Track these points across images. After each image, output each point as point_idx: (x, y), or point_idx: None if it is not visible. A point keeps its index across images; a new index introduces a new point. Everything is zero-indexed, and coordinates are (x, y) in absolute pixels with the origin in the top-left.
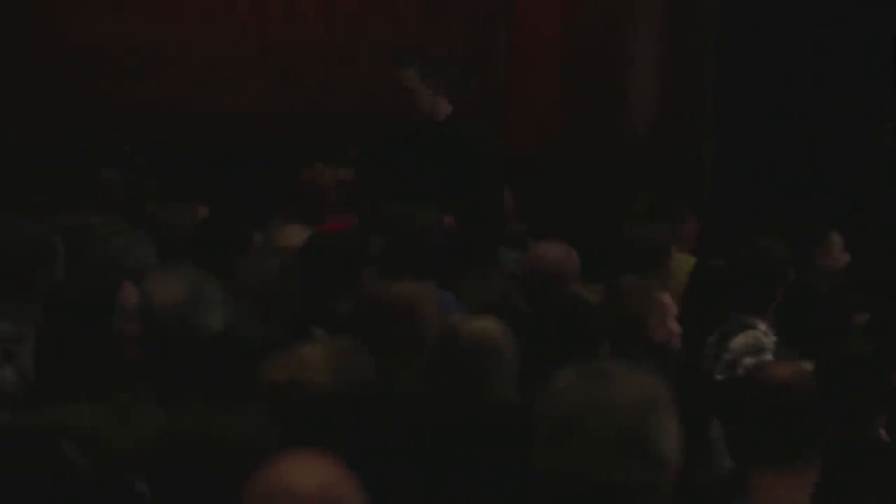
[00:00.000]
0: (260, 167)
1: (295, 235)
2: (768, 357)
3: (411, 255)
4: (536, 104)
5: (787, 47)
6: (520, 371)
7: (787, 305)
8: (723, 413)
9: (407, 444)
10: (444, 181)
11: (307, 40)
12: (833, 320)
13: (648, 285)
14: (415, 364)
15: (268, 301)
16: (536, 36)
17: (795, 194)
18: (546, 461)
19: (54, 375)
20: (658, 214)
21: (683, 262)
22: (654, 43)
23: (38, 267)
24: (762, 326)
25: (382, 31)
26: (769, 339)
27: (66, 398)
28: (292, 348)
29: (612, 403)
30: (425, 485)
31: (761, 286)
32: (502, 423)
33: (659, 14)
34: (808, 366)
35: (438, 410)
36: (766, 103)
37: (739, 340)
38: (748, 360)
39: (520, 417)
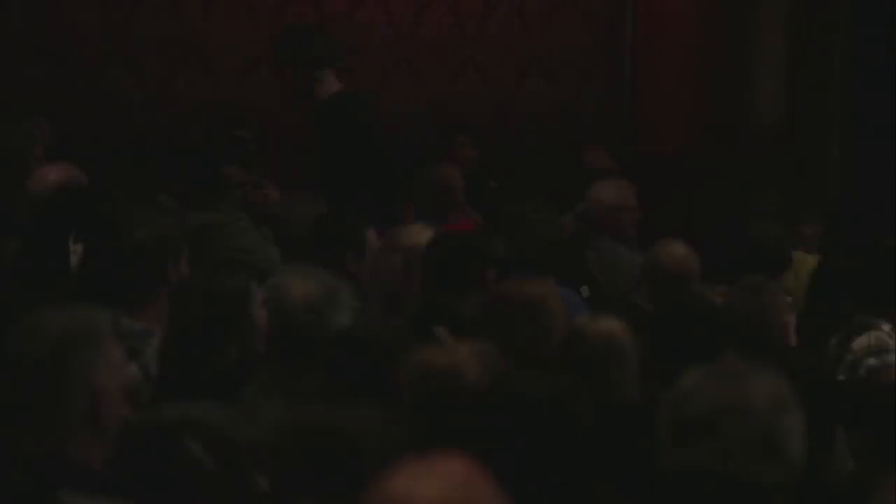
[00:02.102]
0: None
1: (418, 234)
2: (892, 358)
3: (533, 255)
4: (663, 101)
5: None
6: (641, 371)
7: None
8: (845, 414)
9: (532, 445)
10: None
11: (435, 40)
12: None
13: (770, 285)
14: (540, 364)
15: (392, 300)
16: (663, 30)
17: None
18: (675, 461)
19: (179, 372)
20: (782, 214)
21: (806, 262)
22: (781, 40)
23: (166, 265)
24: (886, 327)
25: (508, 27)
26: (893, 340)
27: (191, 394)
28: (425, 346)
29: (747, 403)
30: (551, 485)
31: (886, 287)
32: (627, 423)
33: (785, 11)
34: None
35: (563, 411)
36: (893, 101)
37: (862, 341)
38: (871, 361)
39: (643, 418)
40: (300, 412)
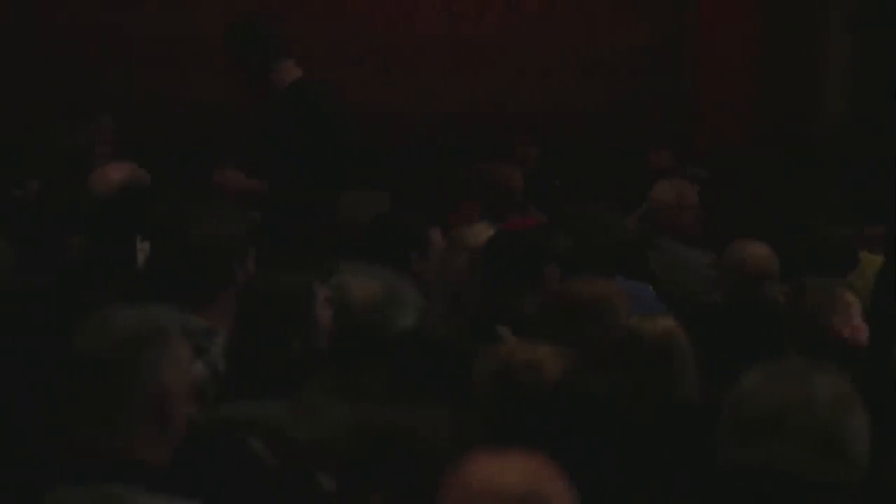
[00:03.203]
0: (432, 164)
1: (482, 234)
2: None
3: (598, 254)
4: (724, 100)
5: None
6: (703, 367)
7: None
8: None
9: (594, 444)
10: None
11: (495, 40)
12: None
13: (831, 283)
14: (602, 364)
15: (456, 300)
16: (724, 28)
17: None
18: (736, 460)
19: (244, 371)
20: (848, 214)
21: (872, 262)
22: (846, 38)
23: (232, 263)
24: None
25: (571, 24)
26: None
27: (255, 393)
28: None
29: (811, 402)
30: (613, 485)
31: None
32: (687, 422)
33: (851, 9)
34: None
35: (625, 410)
36: None
37: None
38: None
39: (703, 417)
40: (366, 411)
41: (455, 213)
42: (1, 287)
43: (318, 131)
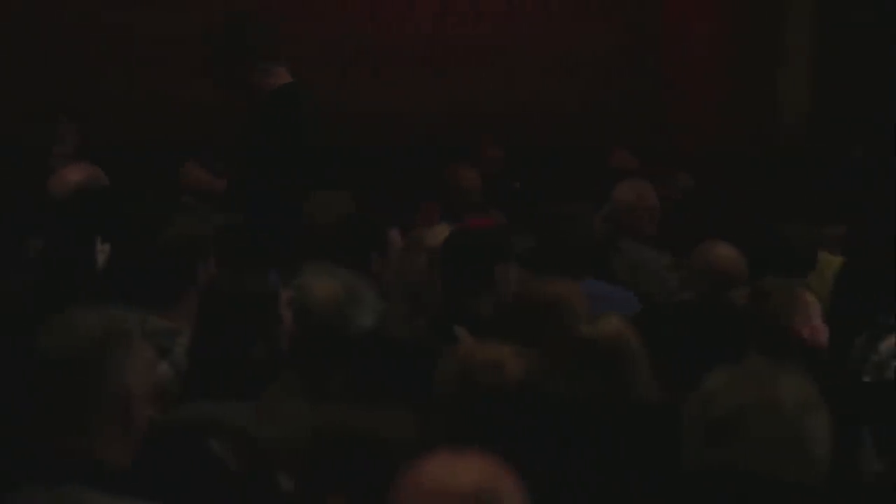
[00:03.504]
0: (398, 165)
1: (441, 234)
2: None
3: (562, 253)
4: (687, 99)
5: None
6: (663, 367)
7: None
8: (871, 415)
9: (555, 445)
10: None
11: (460, 39)
12: None
13: (791, 284)
14: (561, 365)
15: (416, 300)
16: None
17: None
18: (700, 460)
19: (205, 371)
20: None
21: (830, 263)
22: (806, 38)
23: (195, 264)
24: None
25: (533, 27)
26: None
27: (217, 394)
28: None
29: (774, 403)
30: (574, 484)
31: None
32: (646, 422)
33: (811, 6)
34: None
35: (585, 411)
36: None
37: (889, 343)
38: None
39: (663, 417)
40: (326, 412)
41: (417, 213)
42: None
43: (298, 135)
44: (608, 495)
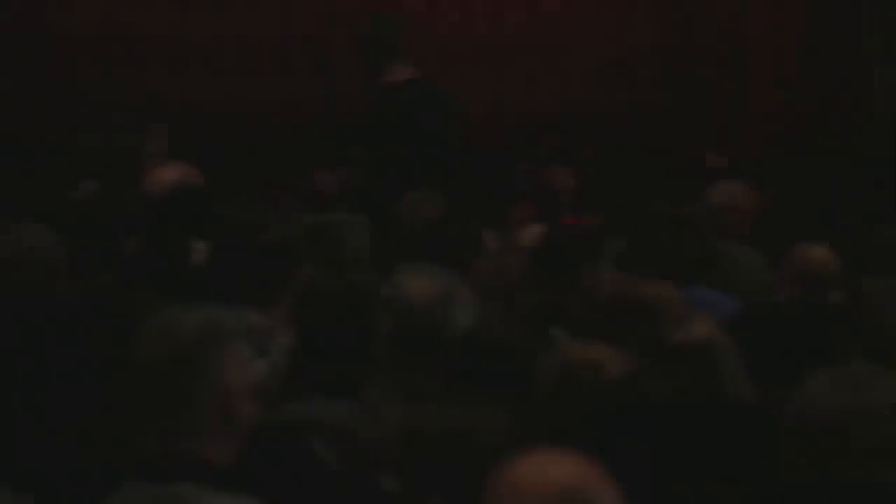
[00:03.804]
0: (492, 166)
1: (536, 235)
2: None
3: (657, 254)
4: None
5: None
6: (762, 370)
7: None
8: None
9: (653, 445)
10: None
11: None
12: None
13: (892, 286)
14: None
15: (507, 301)
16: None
17: None
18: (798, 465)
19: (306, 371)
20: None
21: None
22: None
23: (293, 264)
24: None
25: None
26: None
27: (318, 393)
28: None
29: (876, 408)
30: (669, 486)
31: None
32: (742, 422)
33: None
34: None
35: (680, 412)
36: None
37: None
38: None
39: (759, 416)
40: (423, 411)
41: (511, 214)
42: (57, 288)
43: (416, 132)
44: (703, 497)
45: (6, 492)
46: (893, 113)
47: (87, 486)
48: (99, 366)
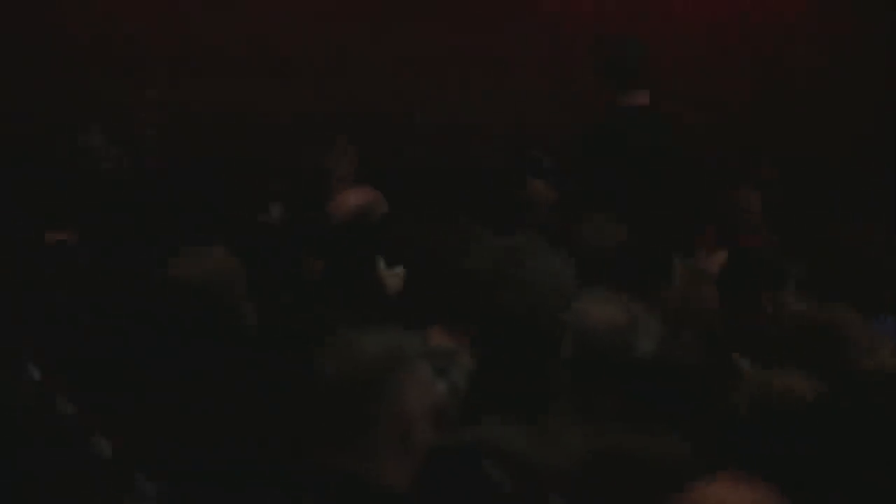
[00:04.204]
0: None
1: (721, 260)
2: None
3: (838, 278)
4: None
5: None
6: None
7: None
8: None
9: (844, 473)
10: None
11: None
12: None
13: None
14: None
15: (691, 326)
16: None
17: None
18: None
19: (485, 394)
20: None
21: None
22: None
23: (481, 289)
24: None
25: None
26: None
27: (493, 416)
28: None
29: None
30: None
31: None
32: None
33: None
34: None
35: (871, 440)
36: None
37: None
38: None
39: None
40: (603, 436)
41: (701, 237)
42: (238, 312)
43: (644, 159)
44: None
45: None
46: None
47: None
48: (284, 387)
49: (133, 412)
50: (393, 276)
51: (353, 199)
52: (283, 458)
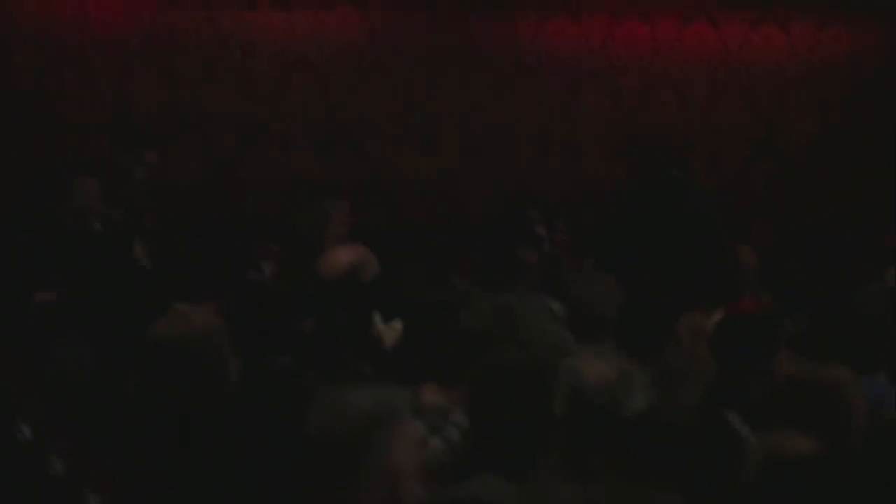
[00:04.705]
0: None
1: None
2: None
3: (835, 338)
4: None
5: None
6: None
7: None
8: None
9: None
10: None
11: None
12: None
13: None
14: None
15: (690, 384)
16: None
17: None
18: None
19: (477, 450)
20: None
21: None
22: None
23: (479, 347)
24: None
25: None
26: None
27: (484, 473)
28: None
29: None
30: None
31: None
32: None
33: None
34: None
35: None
36: None
37: None
38: None
39: None
40: (594, 492)
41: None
42: (223, 372)
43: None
44: None
45: None
46: None
47: None
48: (276, 444)
49: (120, 470)
50: (390, 331)
51: (345, 256)
52: None
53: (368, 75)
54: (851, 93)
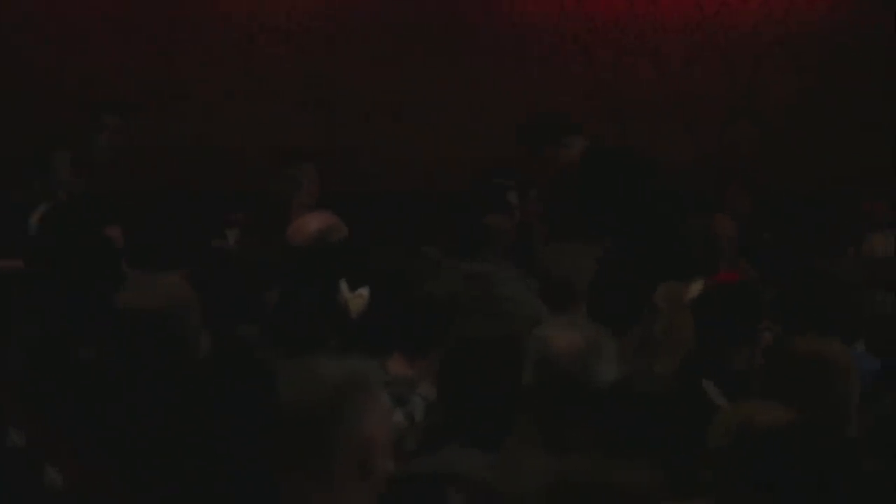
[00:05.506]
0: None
1: (698, 290)
2: None
3: (819, 309)
4: None
5: None
6: None
7: None
8: None
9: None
10: None
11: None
12: None
13: None
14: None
15: (668, 354)
16: None
17: None
18: None
19: (448, 422)
20: None
21: None
22: None
23: (451, 319)
24: None
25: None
26: None
27: (454, 445)
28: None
29: None
30: None
31: None
32: None
33: None
34: None
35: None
36: None
37: None
38: None
39: None
40: (567, 464)
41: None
42: (192, 342)
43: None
44: None
45: None
46: None
47: None
48: (243, 414)
49: (82, 442)
50: (357, 298)
51: (314, 223)
52: (242, 487)
53: (341, 42)
54: (829, 57)
